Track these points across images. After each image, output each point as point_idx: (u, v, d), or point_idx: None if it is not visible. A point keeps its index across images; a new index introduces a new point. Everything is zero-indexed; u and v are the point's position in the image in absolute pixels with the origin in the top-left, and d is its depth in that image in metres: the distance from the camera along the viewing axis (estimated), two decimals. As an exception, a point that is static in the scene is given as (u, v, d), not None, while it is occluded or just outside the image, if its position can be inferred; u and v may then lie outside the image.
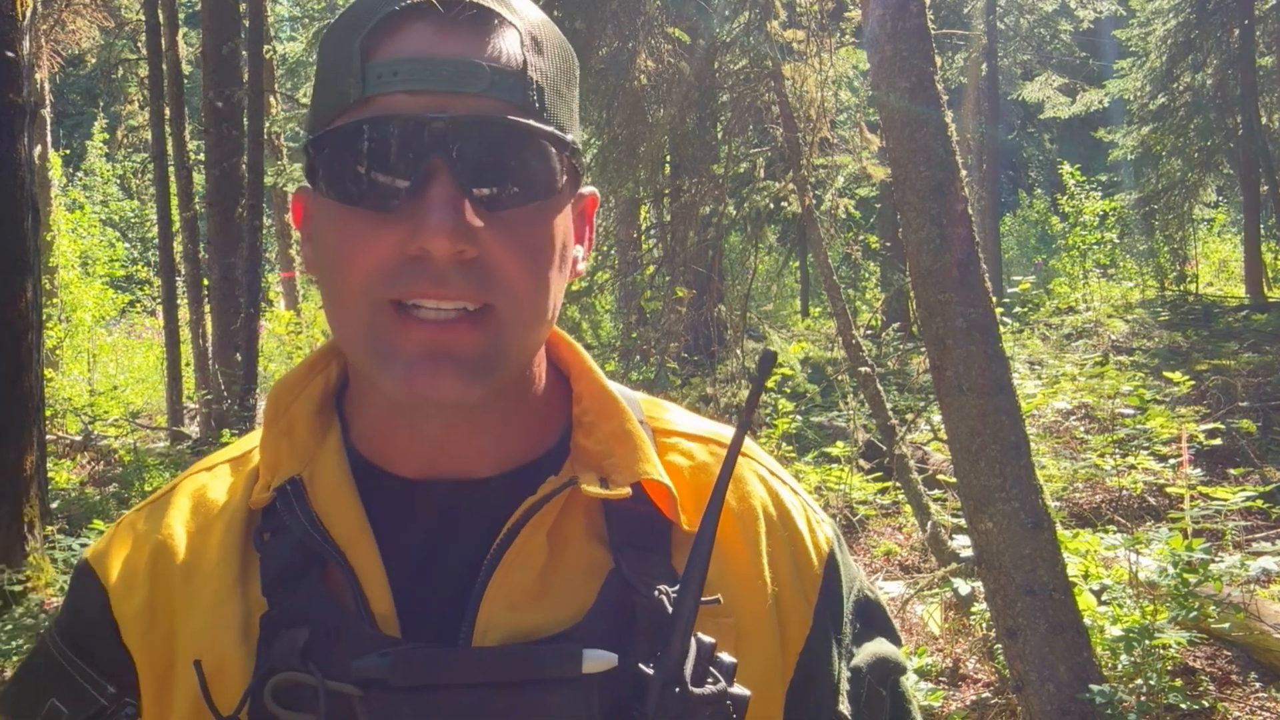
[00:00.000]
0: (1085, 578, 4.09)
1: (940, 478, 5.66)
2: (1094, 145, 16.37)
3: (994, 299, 3.19)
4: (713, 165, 6.28)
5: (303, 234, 0.75)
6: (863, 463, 6.14)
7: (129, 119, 18.45)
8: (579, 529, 0.72)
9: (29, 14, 4.75)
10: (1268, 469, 6.12)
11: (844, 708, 0.77)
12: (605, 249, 7.64)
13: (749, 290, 6.69)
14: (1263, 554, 4.11)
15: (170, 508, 0.77)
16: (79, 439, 8.82)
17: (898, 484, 5.50)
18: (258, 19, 9.37)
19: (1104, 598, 3.99)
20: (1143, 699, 3.40)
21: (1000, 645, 3.31)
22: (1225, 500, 4.53)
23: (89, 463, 8.47)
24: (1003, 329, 3.78)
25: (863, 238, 9.07)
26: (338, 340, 0.72)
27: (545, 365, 0.78)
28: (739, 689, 0.65)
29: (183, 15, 13.73)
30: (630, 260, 7.29)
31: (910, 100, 3.17)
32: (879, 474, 6.11)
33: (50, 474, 5.70)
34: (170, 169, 10.66)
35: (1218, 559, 3.98)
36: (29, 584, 4.36)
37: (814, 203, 5.61)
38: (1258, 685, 3.79)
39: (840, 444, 6.21)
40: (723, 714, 0.64)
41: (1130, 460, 5.66)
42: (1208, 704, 3.60)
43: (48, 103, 14.13)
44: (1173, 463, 5.22)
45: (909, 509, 5.38)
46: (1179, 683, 3.60)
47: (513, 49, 0.67)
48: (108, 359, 13.77)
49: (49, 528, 4.79)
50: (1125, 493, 5.87)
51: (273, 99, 12.04)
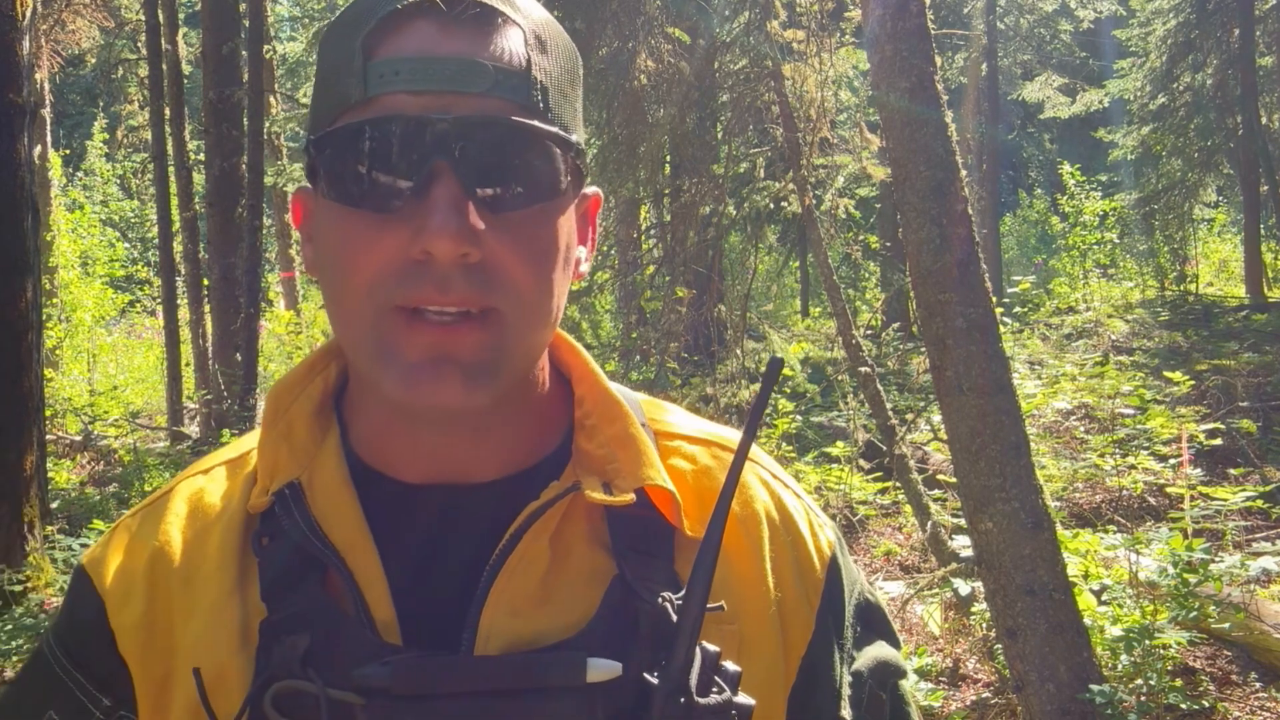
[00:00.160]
0: (1085, 578, 4.08)
1: (940, 478, 5.66)
2: (1094, 145, 16.37)
3: (994, 299, 3.19)
4: (713, 165, 6.28)
5: (303, 234, 0.74)
6: (863, 463, 6.14)
7: (129, 119, 18.44)
8: (581, 534, 0.71)
9: (29, 14, 4.75)
10: (1268, 469, 6.12)
11: (845, 712, 0.76)
12: (605, 249, 7.64)
13: (749, 290, 6.69)
14: (1263, 554, 4.10)
15: (167, 512, 0.76)
16: (79, 439, 8.81)
17: (898, 484, 5.50)
18: (258, 19, 9.37)
19: (1104, 598, 3.99)
20: (1143, 699, 3.40)
21: (1000, 645, 3.31)
22: (1225, 500, 4.53)
23: (89, 463, 8.47)
24: (1003, 329, 3.78)
25: (863, 238, 9.07)
26: (340, 342, 0.71)
27: (548, 367, 0.77)
28: (744, 698, 0.64)
29: (183, 15, 13.73)
30: (630, 260, 7.29)
31: (910, 100, 3.17)
32: (879, 474, 6.10)
33: (50, 474, 5.70)
34: (170, 169, 10.65)
35: (1218, 559, 3.98)
36: (29, 584, 4.36)
37: (814, 203, 5.61)
38: (1258, 685, 3.78)
39: (840, 444, 6.21)
40: None
41: (1130, 460, 5.66)
42: (1208, 704, 3.59)
43: (48, 103, 14.13)
44: (1173, 463, 5.22)
45: (909, 509, 5.38)
46: (1179, 683, 3.60)
47: (516, 48, 0.66)
48: (108, 359, 13.76)
49: (49, 528, 4.79)
50: (1125, 493, 5.87)
51: (273, 99, 12.03)
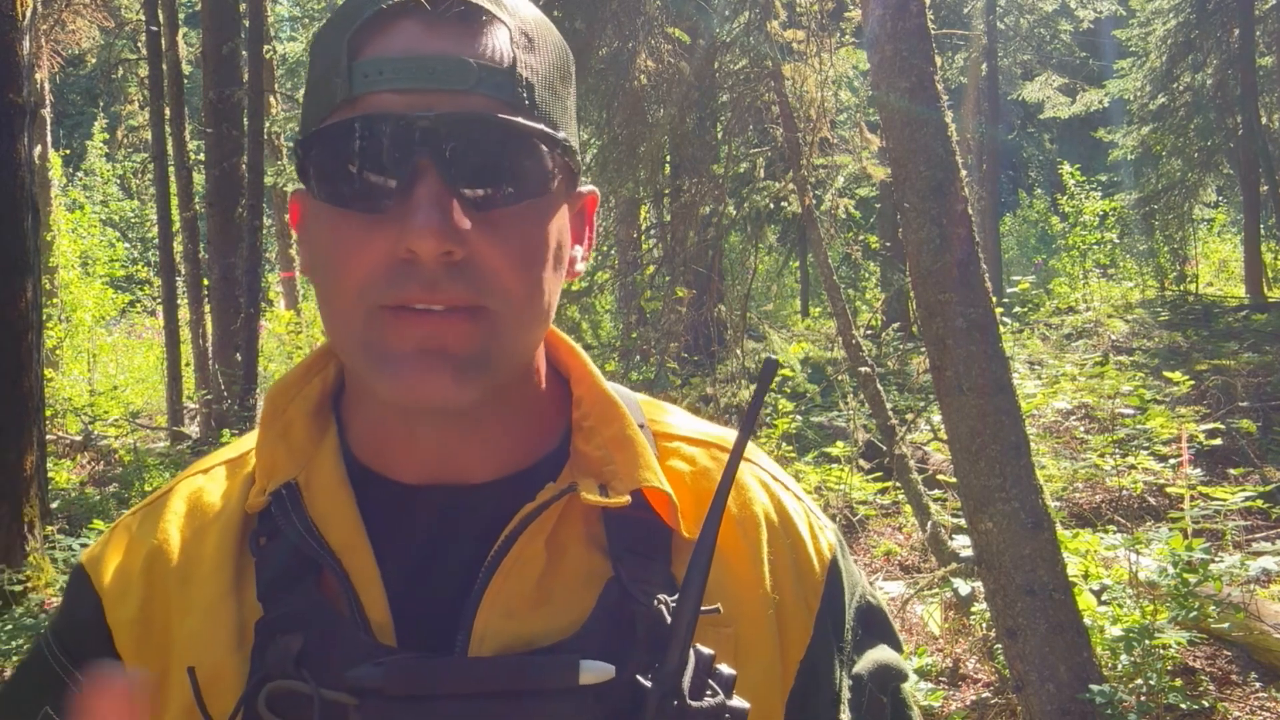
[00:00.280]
0: (1085, 578, 4.08)
1: (940, 478, 5.66)
2: (1094, 145, 16.38)
3: (994, 299, 3.19)
4: (713, 165, 6.28)
5: (299, 236, 0.74)
6: (863, 463, 6.14)
7: (129, 119, 18.45)
8: (577, 536, 0.71)
9: (29, 14, 4.75)
10: (1268, 469, 6.12)
11: (845, 716, 0.75)
12: (605, 249, 7.64)
13: (749, 290, 6.69)
14: (1263, 554, 4.11)
15: (166, 511, 0.76)
16: (79, 439, 8.82)
17: (898, 484, 5.50)
18: (258, 19, 9.37)
19: (1104, 598, 3.99)
20: (1143, 699, 3.40)
21: (1000, 645, 3.31)
22: (1225, 500, 4.53)
23: (89, 463, 8.47)
24: (1003, 329, 3.78)
25: (863, 238, 9.07)
26: (333, 344, 0.71)
27: (545, 368, 0.77)
28: (738, 702, 0.64)
29: (183, 15, 13.73)
30: (630, 260, 7.29)
31: (910, 100, 3.17)
32: (879, 474, 6.10)
33: (50, 474, 5.70)
34: (170, 169, 10.66)
35: (1218, 559, 3.98)
36: (29, 584, 4.36)
37: (814, 203, 5.61)
38: (1258, 685, 3.79)
39: (840, 444, 6.21)
40: None
41: (1130, 460, 5.66)
42: (1208, 704, 3.60)
43: (48, 103, 14.13)
44: (1173, 463, 5.22)
45: (909, 509, 5.38)
46: (1179, 683, 3.60)
47: (502, 46, 0.66)
48: (108, 359, 13.77)
49: (49, 528, 4.79)
50: (1125, 493, 5.87)
51: (273, 99, 12.04)
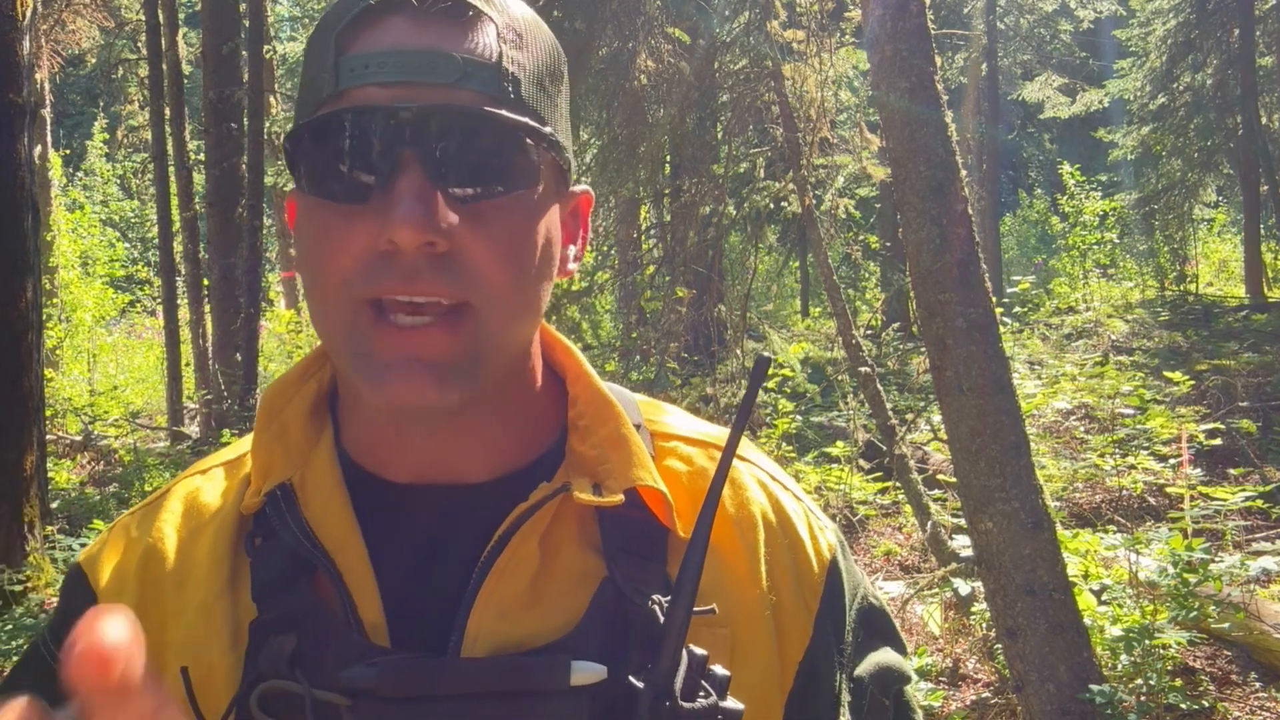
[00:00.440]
0: (1085, 578, 4.08)
1: (940, 478, 5.66)
2: (1094, 145, 16.38)
3: (994, 299, 3.19)
4: (713, 165, 6.28)
5: (294, 235, 0.74)
6: (863, 463, 6.14)
7: (129, 119, 18.46)
8: (571, 536, 0.70)
9: (29, 14, 4.75)
10: (1268, 469, 6.12)
11: (845, 719, 0.75)
12: (605, 249, 7.65)
13: (749, 290, 6.70)
14: (1263, 554, 4.10)
15: (162, 511, 0.77)
16: (79, 439, 8.82)
17: (898, 484, 5.50)
18: (258, 19, 9.37)
19: (1104, 598, 3.99)
20: (1143, 699, 3.40)
21: (1000, 645, 3.31)
22: (1225, 500, 4.53)
23: (89, 463, 8.47)
24: (1003, 329, 3.78)
25: (863, 238, 9.07)
26: (321, 340, 0.71)
27: (540, 368, 0.76)
28: (731, 703, 0.64)
29: (183, 15, 13.73)
30: (630, 260, 7.29)
31: (910, 100, 3.17)
32: (879, 474, 6.10)
33: (50, 474, 5.70)
34: (170, 169, 10.66)
35: (1218, 559, 3.98)
36: (29, 584, 4.36)
37: (814, 203, 5.61)
38: (1258, 685, 3.79)
39: (840, 444, 6.21)
40: None
41: (1130, 460, 5.66)
42: (1208, 704, 3.59)
43: (48, 103, 14.13)
44: (1173, 463, 5.22)
45: (909, 509, 5.38)
46: (1179, 683, 3.60)
47: (489, 41, 0.66)
48: (108, 359, 13.77)
49: (49, 528, 4.79)
50: (1125, 493, 5.87)
51: (273, 99, 12.04)
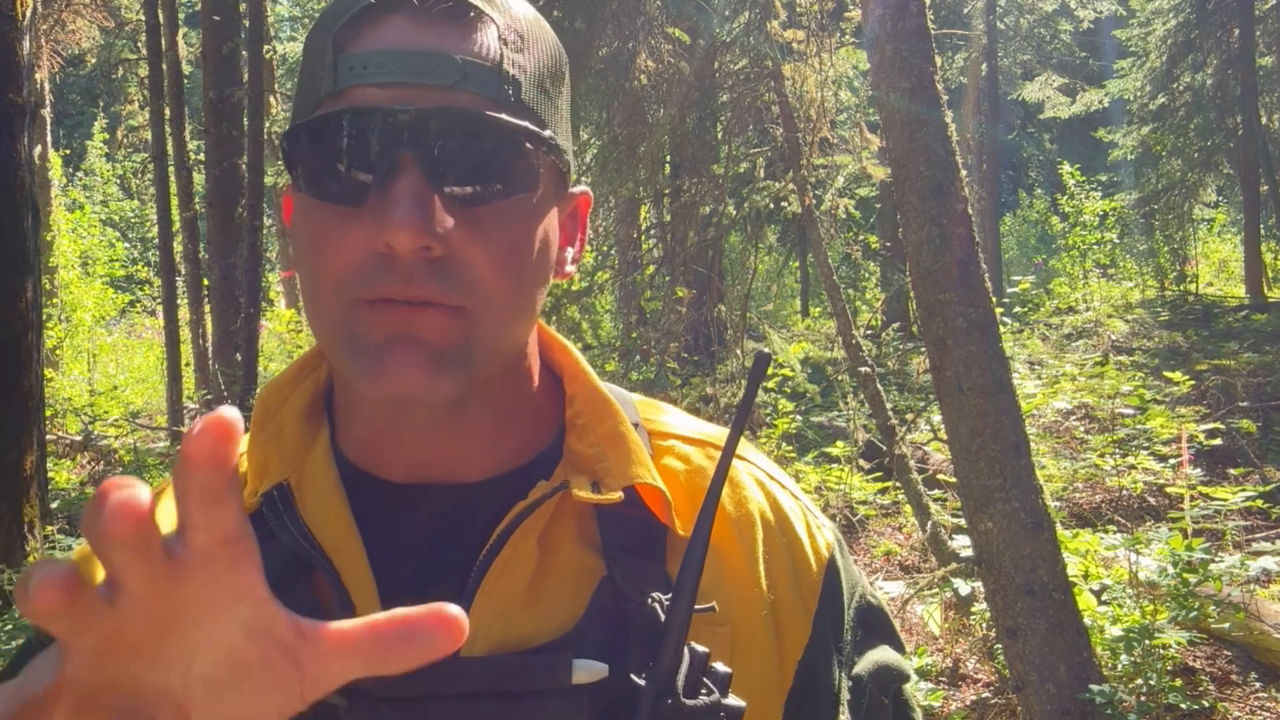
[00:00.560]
0: (1085, 578, 4.09)
1: (940, 478, 5.66)
2: (1094, 145, 16.38)
3: (994, 299, 3.19)
4: (713, 165, 6.28)
5: (290, 233, 0.73)
6: (863, 463, 6.15)
7: (129, 119, 18.46)
8: (570, 535, 0.70)
9: (29, 14, 4.75)
10: (1268, 469, 6.12)
11: (844, 717, 0.75)
12: (605, 249, 7.64)
13: (749, 290, 6.70)
14: (1263, 554, 4.10)
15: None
16: (79, 439, 8.82)
17: (898, 484, 5.50)
18: (258, 19, 9.36)
19: (1104, 598, 3.99)
20: (1143, 699, 3.40)
21: (1000, 645, 3.31)
22: (1225, 500, 4.53)
23: (89, 463, 8.48)
24: (1003, 329, 3.78)
25: (863, 238, 9.07)
26: (315, 338, 0.71)
27: (538, 367, 0.76)
28: (733, 700, 0.63)
29: (183, 15, 13.73)
30: (630, 260, 7.29)
31: (910, 100, 3.17)
32: (879, 474, 6.11)
33: (50, 474, 5.70)
34: (170, 169, 10.65)
35: (1218, 559, 3.98)
36: (29, 584, 4.36)
37: (814, 203, 5.61)
38: (1258, 685, 3.79)
39: (840, 444, 6.21)
40: None
41: (1130, 460, 5.66)
42: (1208, 704, 3.60)
43: (48, 103, 14.14)
44: (1173, 463, 5.22)
45: (909, 509, 5.38)
46: (1179, 683, 3.60)
47: (490, 42, 0.66)
48: (108, 359, 13.77)
49: (49, 528, 4.79)
50: (1125, 493, 5.87)
51: (273, 99, 12.03)
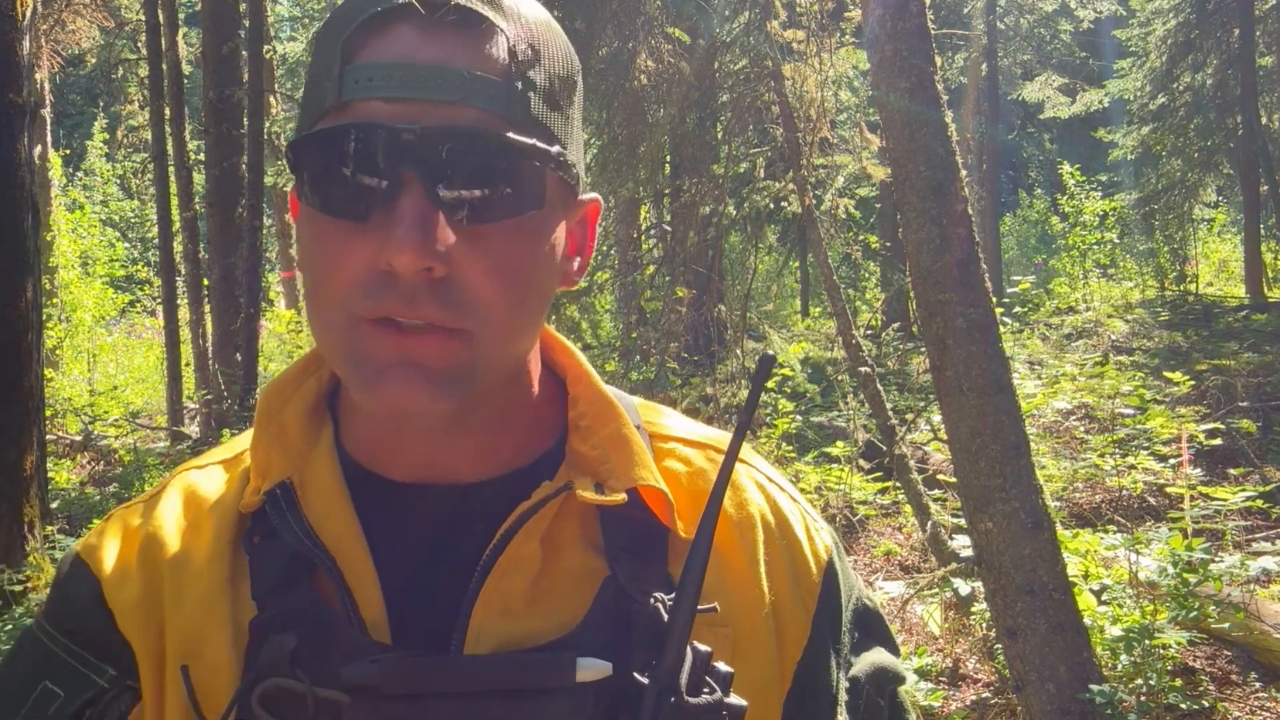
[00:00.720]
0: (1085, 578, 4.09)
1: (940, 478, 5.66)
2: (1094, 145, 16.38)
3: (994, 299, 3.19)
4: (713, 165, 6.28)
5: (296, 233, 0.73)
6: (863, 463, 6.14)
7: (129, 119, 18.45)
8: (573, 535, 0.71)
9: (29, 14, 4.75)
10: (1268, 469, 6.12)
11: (842, 719, 0.75)
12: (605, 249, 7.64)
13: (749, 290, 6.69)
14: (1263, 554, 4.10)
15: (161, 503, 0.77)
16: (79, 439, 8.83)
17: (898, 484, 5.50)
18: (258, 19, 9.37)
19: (1104, 598, 3.99)
20: (1143, 699, 3.41)
21: (1000, 645, 3.31)
22: (1225, 500, 4.53)
23: (89, 463, 8.48)
24: (1003, 329, 3.78)
25: (863, 238, 9.06)
26: (318, 345, 0.71)
27: (540, 368, 0.76)
28: (735, 699, 0.64)
29: (183, 15, 13.73)
30: (630, 260, 7.29)
31: (910, 100, 3.17)
32: (879, 474, 6.10)
33: (50, 474, 5.70)
34: (170, 169, 10.65)
35: (1218, 559, 3.98)
36: (29, 584, 4.36)
37: (814, 203, 5.61)
38: (1258, 685, 3.79)
39: (840, 444, 6.21)
40: None
41: (1130, 460, 5.66)
42: (1208, 704, 3.60)
43: (48, 103, 14.13)
44: (1173, 463, 5.22)
45: (909, 509, 5.38)
46: (1179, 683, 3.60)
47: (499, 55, 0.64)
48: (108, 359, 13.77)
49: (49, 528, 4.79)
50: (1125, 493, 5.87)
51: (273, 99, 12.04)
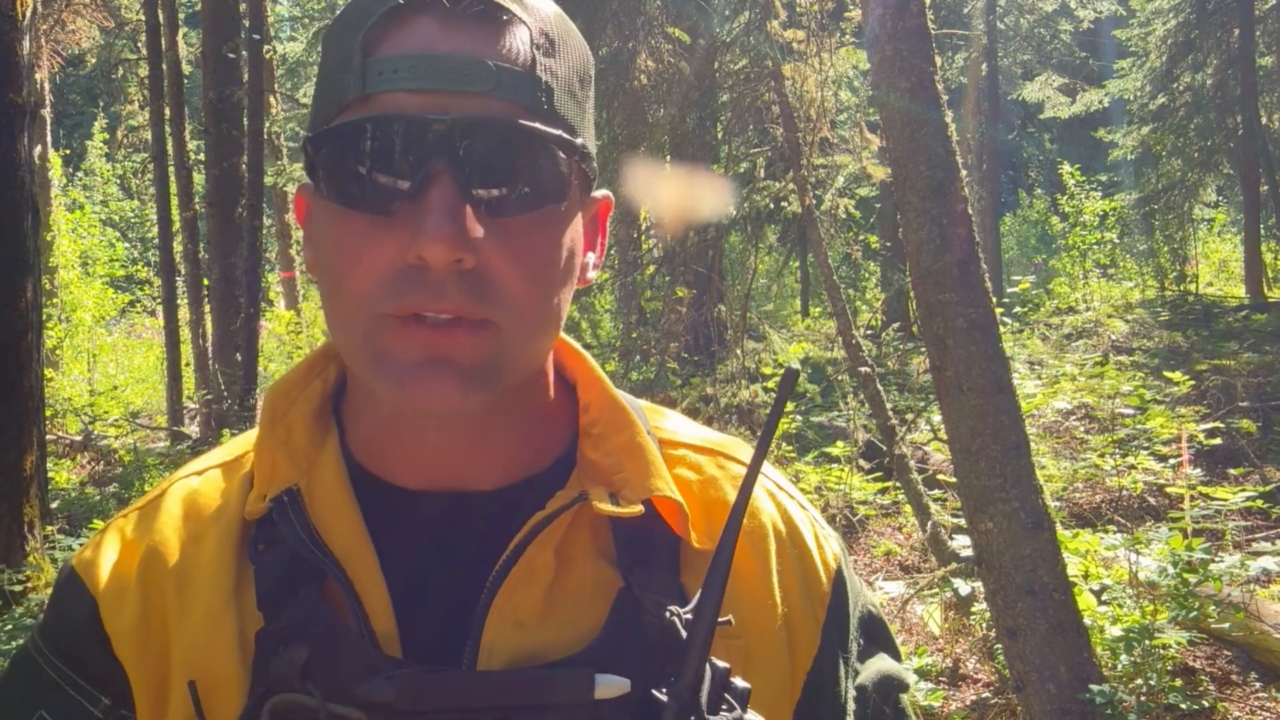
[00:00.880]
0: (1085, 578, 4.08)
1: (940, 478, 5.66)
2: (1094, 145, 16.37)
3: (994, 299, 3.19)
4: (713, 165, 6.28)
5: (305, 232, 0.72)
6: (863, 463, 6.14)
7: (129, 119, 18.45)
8: (586, 545, 0.69)
9: (29, 14, 4.75)
10: (1268, 469, 6.12)
11: None
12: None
13: (749, 290, 6.69)
14: (1263, 554, 4.10)
15: (160, 513, 0.74)
16: (79, 439, 8.82)
17: (898, 484, 5.50)
18: (258, 19, 9.37)
19: (1104, 598, 3.99)
20: (1143, 699, 3.41)
21: (1000, 645, 3.31)
22: (1225, 500, 4.53)
23: (89, 463, 8.48)
24: (1003, 329, 3.78)
25: (863, 238, 9.05)
26: (336, 346, 0.69)
27: (551, 373, 0.75)
28: (754, 716, 0.63)
29: (183, 15, 13.73)
30: (630, 260, 7.29)
31: (910, 100, 3.17)
32: (879, 474, 6.10)
33: (50, 474, 5.70)
34: (170, 169, 10.65)
35: (1218, 559, 3.98)
36: (29, 584, 4.36)
37: (814, 203, 5.61)
38: (1258, 685, 3.78)
39: (840, 444, 6.20)
40: None
41: (1130, 460, 5.66)
42: (1208, 704, 3.60)
43: (48, 103, 14.13)
44: (1173, 463, 5.23)
45: (909, 509, 5.38)
46: (1179, 683, 3.60)
47: (521, 46, 0.64)
48: (108, 359, 13.77)
49: (49, 528, 4.79)
50: (1125, 493, 5.87)
51: (273, 99, 12.03)
